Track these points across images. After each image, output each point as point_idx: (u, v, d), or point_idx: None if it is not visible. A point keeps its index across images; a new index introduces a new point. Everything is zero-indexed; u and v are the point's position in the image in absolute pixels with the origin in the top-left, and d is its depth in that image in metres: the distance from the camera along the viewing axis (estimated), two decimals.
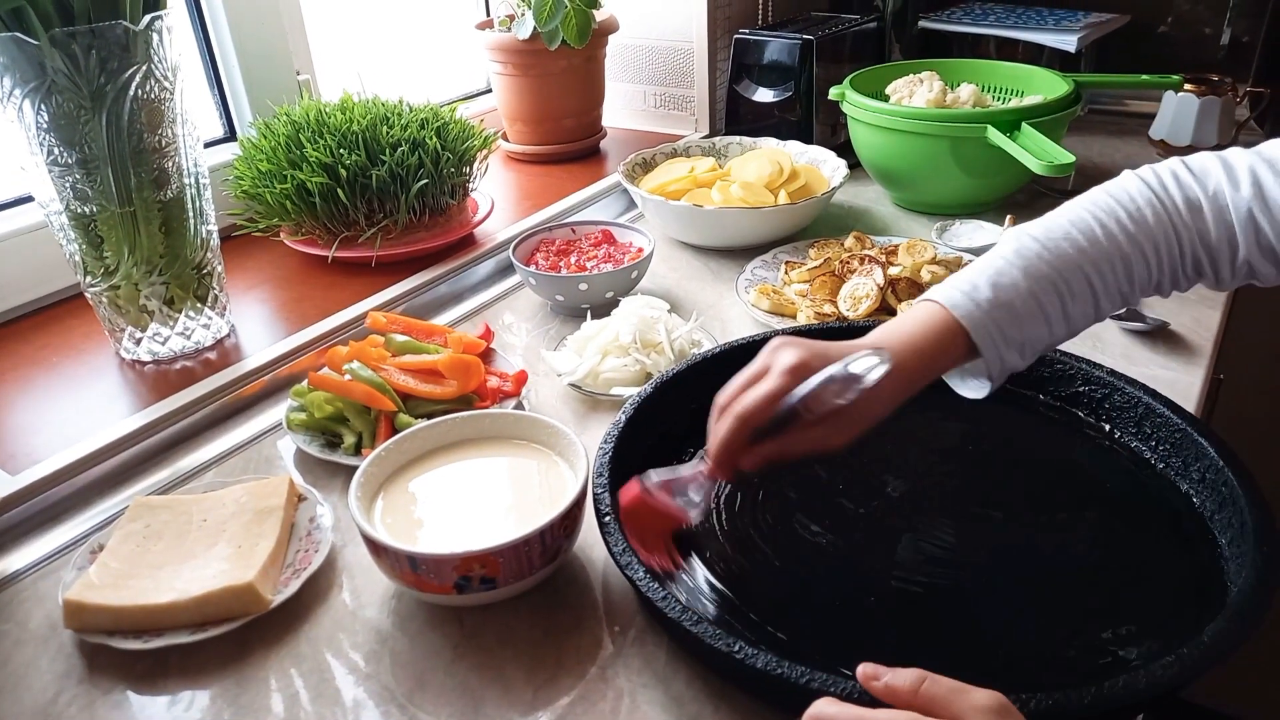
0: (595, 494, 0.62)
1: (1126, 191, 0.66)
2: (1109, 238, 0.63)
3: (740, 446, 0.59)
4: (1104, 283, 0.63)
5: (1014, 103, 1.27)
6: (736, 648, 0.49)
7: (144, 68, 0.77)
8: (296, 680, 0.57)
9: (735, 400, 0.59)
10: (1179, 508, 0.65)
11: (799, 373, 0.58)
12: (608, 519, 0.59)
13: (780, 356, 0.59)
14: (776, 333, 0.81)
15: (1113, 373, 0.74)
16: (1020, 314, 0.61)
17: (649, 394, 0.72)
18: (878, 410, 0.60)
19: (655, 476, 0.62)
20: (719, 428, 0.59)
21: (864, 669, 0.45)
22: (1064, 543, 0.64)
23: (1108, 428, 0.73)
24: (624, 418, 0.69)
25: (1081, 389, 0.75)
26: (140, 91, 0.78)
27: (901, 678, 0.44)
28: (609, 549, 0.58)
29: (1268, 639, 0.56)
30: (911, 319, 0.63)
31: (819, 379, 0.57)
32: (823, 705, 0.44)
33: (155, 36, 0.77)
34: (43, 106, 0.75)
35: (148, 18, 0.76)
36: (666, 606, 0.52)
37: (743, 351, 0.78)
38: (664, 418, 0.74)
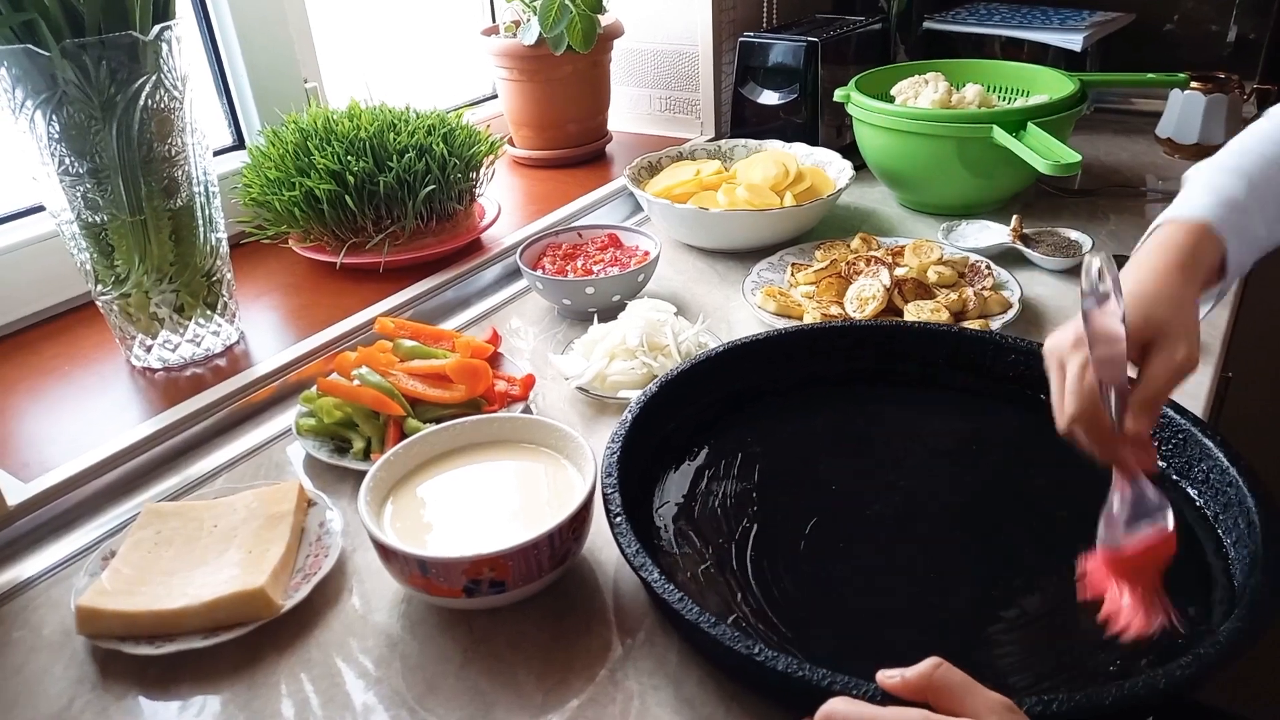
0: (605, 493, 0.62)
1: None
2: None
3: (1112, 443, 0.58)
4: None
5: (1019, 103, 1.27)
6: (756, 650, 0.49)
7: (154, 77, 0.78)
8: (307, 685, 0.58)
9: (1070, 407, 0.59)
10: (1183, 508, 0.65)
11: (1079, 345, 0.59)
12: (619, 519, 0.59)
13: (1051, 356, 0.61)
14: (780, 332, 0.81)
15: None
16: (1250, 210, 0.66)
17: (654, 394, 0.72)
18: (1178, 316, 0.59)
19: (1102, 529, 0.58)
20: (1089, 446, 0.59)
21: (882, 672, 0.46)
22: (1069, 544, 0.64)
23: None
24: (630, 418, 0.69)
25: None
26: (150, 101, 0.78)
27: (916, 668, 0.45)
28: (621, 550, 0.58)
29: (1274, 640, 0.56)
30: (1165, 246, 0.64)
31: (1080, 320, 0.57)
32: (835, 703, 0.45)
33: (165, 46, 0.78)
34: (54, 117, 0.75)
35: (157, 28, 0.77)
36: (684, 609, 0.52)
37: (746, 349, 0.79)
38: (670, 418, 0.74)
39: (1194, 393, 0.81)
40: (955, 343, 0.80)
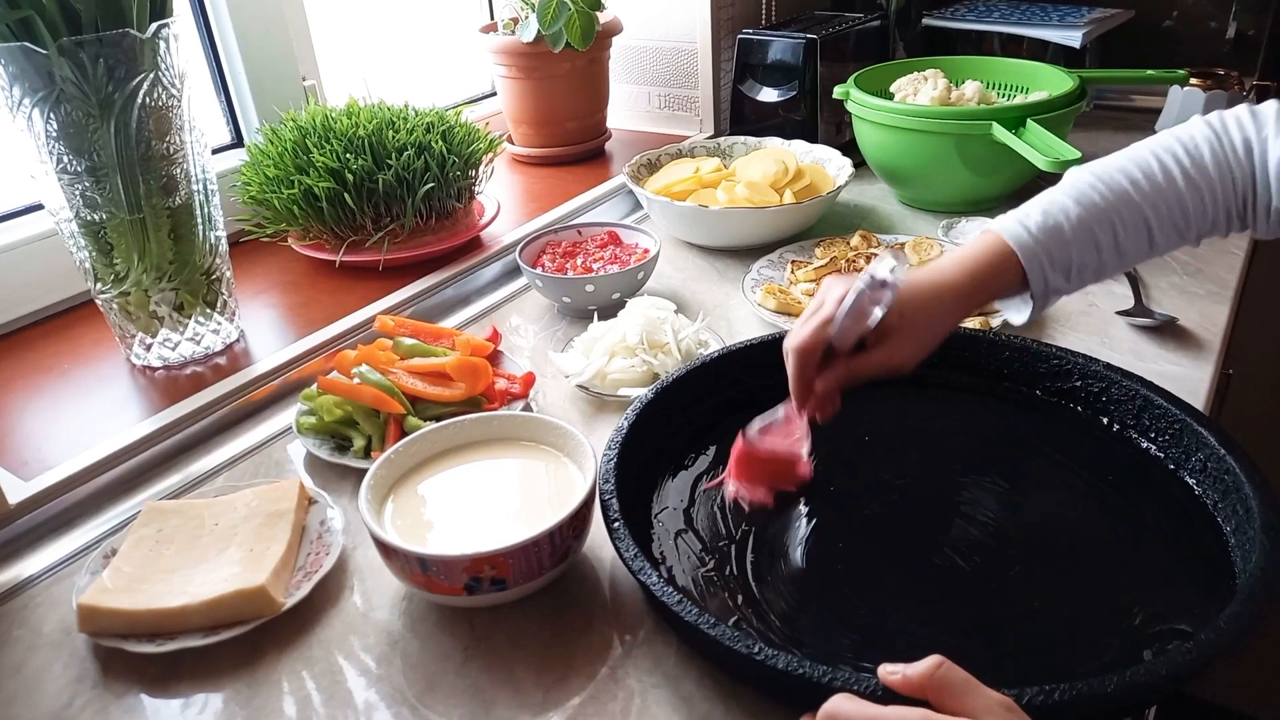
0: (603, 498, 0.62)
1: (1188, 131, 0.69)
2: (1165, 173, 0.66)
3: (807, 379, 0.64)
4: (1158, 216, 0.66)
5: (1019, 99, 1.27)
6: (757, 649, 0.49)
7: (151, 75, 0.78)
8: (308, 682, 0.58)
9: (791, 336, 0.64)
10: (1181, 497, 0.66)
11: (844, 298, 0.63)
12: (616, 523, 0.59)
13: (826, 288, 0.65)
14: (775, 337, 0.81)
15: (1109, 366, 0.74)
16: (1068, 239, 0.65)
17: (651, 399, 0.72)
18: (928, 326, 0.65)
19: (755, 425, 0.67)
20: (787, 365, 0.65)
21: (884, 667, 0.46)
22: (1068, 537, 0.64)
23: (1105, 421, 0.73)
24: (628, 421, 0.69)
25: (1079, 383, 0.75)
26: (148, 99, 0.78)
27: (918, 666, 0.45)
28: (619, 553, 0.58)
29: (1272, 632, 0.56)
30: (968, 247, 0.68)
31: (851, 295, 0.62)
32: (839, 701, 0.45)
33: (162, 44, 0.78)
34: (51, 115, 0.75)
35: (154, 26, 0.77)
36: (683, 611, 0.52)
37: (748, 353, 0.79)
38: (670, 418, 0.74)
39: (1194, 390, 0.81)
40: (951, 342, 0.80)
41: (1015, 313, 0.72)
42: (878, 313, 0.62)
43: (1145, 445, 0.70)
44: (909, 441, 0.75)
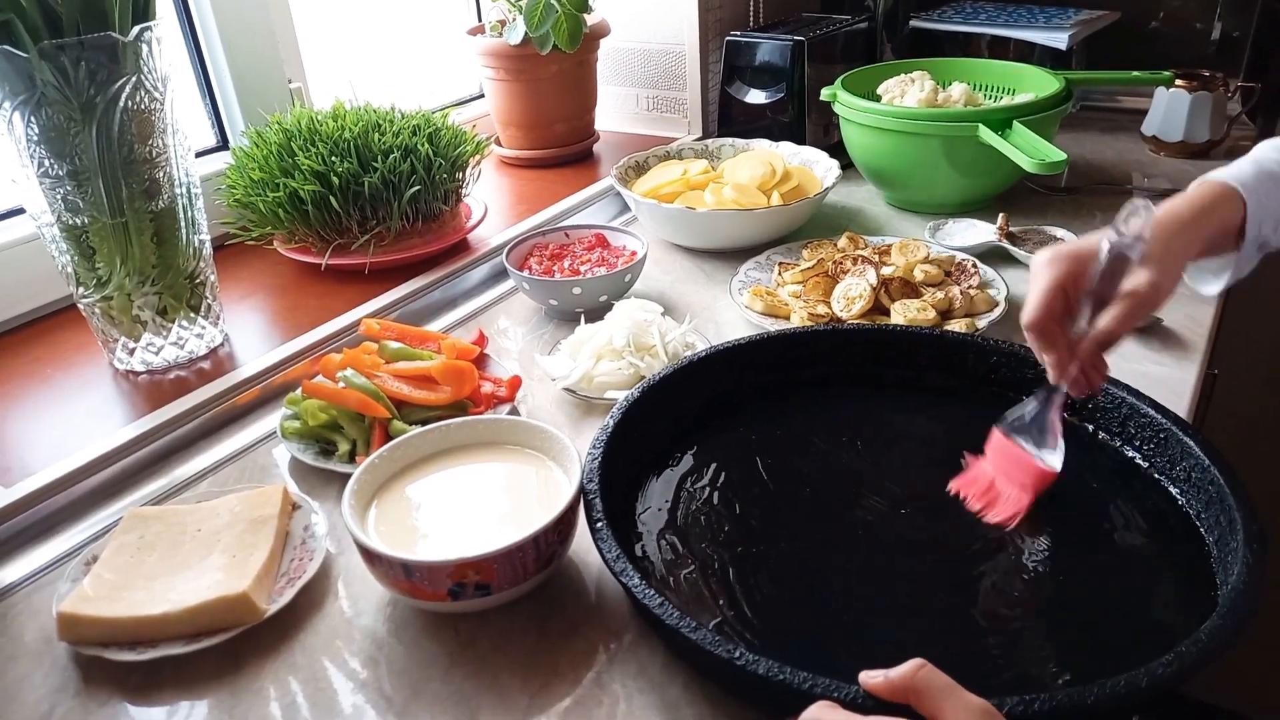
0: (587, 499, 0.62)
1: None
2: None
3: (1062, 348, 0.63)
4: None
5: (1005, 101, 1.27)
6: (737, 654, 0.49)
7: (134, 78, 0.77)
8: (292, 690, 0.57)
9: (1026, 313, 0.63)
10: (1164, 506, 0.65)
11: (1070, 259, 0.63)
12: (600, 525, 0.59)
13: (1043, 258, 0.64)
14: (769, 334, 0.81)
15: None
16: None
17: (636, 399, 0.72)
18: (1174, 265, 0.63)
19: (1010, 416, 0.67)
20: (1032, 345, 0.64)
21: (865, 672, 0.46)
22: (1050, 544, 0.64)
23: (1090, 428, 0.73)
24: (612, 422, 0.69)
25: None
26: (130, 102, 0.78)
27: (899, 669, 0.44)
28: (602, 555, 0.58)
29: (1256, 633, 0.56)
30: (1190, 193, 0.69)
31: (1105, 251, 0.60)
32: (817, 710, 0.44)
33: (145, 47, 0.77)
34: (33, 119, 0.75)
35: (137, 28, 0.76)
36: (664, 614, 0.52)
37: (727, 355, 0.79)
38: (653, 423, 0.74)
39: (1179, 390, 0.81)
40: (938, 345, 0.80)
41: (1210, 283, 0.73)
42: (1133, 262, 0.60)
43: (1130, 453, 0.70)
44: (895, 446, 0.75)
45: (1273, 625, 0.90)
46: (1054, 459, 0.65)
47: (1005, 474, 0.66)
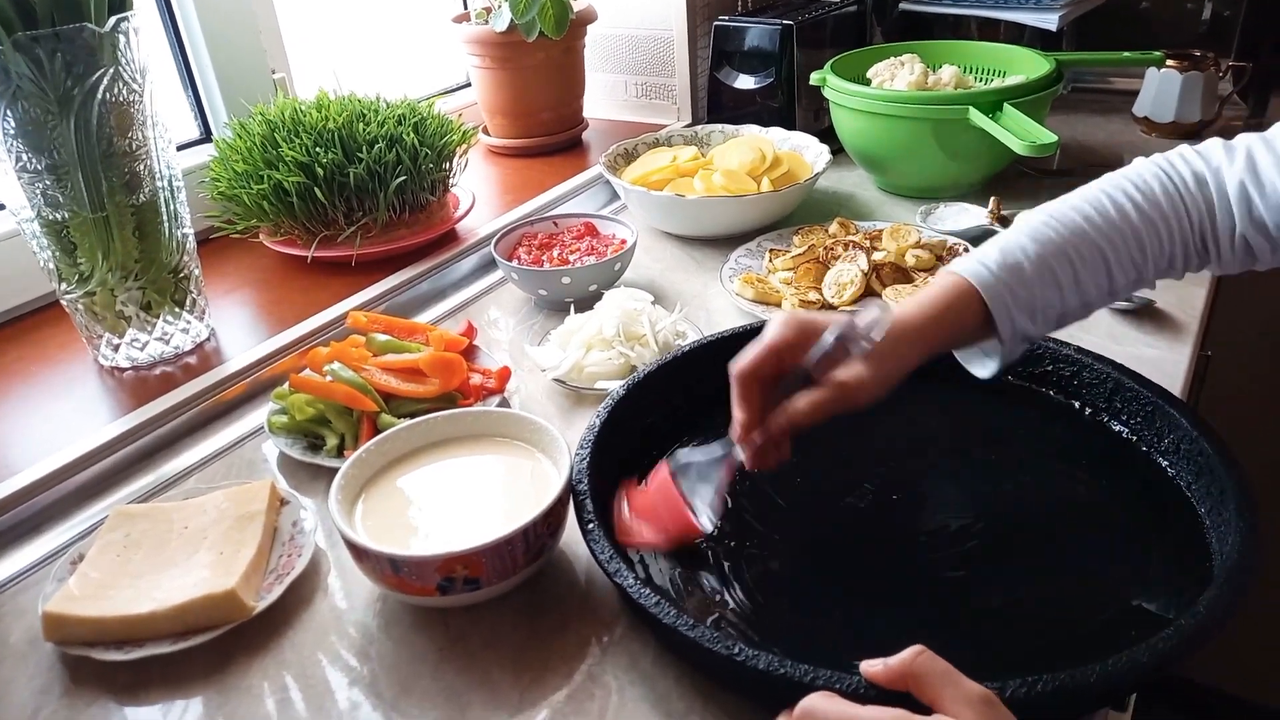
0: (577, 496, 0.61)
1: (1136, 170, 0.68)
2: (1118, 208, 0.65)
3: (754, 409, 0.59)
4: (1115, 252, 0.64)
5: (996, 83, 1.27)
6: (736, 650, 0.49)
7: (111, 70, 0.76)
8: (280, 688, 0.57)
9: (738, 359, 0.60)
10: (1155, 480, 0.65)
11: (797, 327, 0.59)
12: (591, 526, 0.59)
13: (777, 318, 0.60)
14: (756, 325, 0.80)
15: (1080, 350, 0.73)
16: (1029, 276, 0.62)
17: (624, 394, 0.71)
18: (893, 370, 0.60)
19: (683, 458, 0.62)
20: (732, 391, 0.60)
21: (865, 662, 0.46)
22: (1043, 523, 0.64)
23: (1078, 405, 0.73)
24: (599, 420, 0.68)
25: (1050, 368, 0.75)
26: (108, 95, 0.76)
27: (898, 656, 0.44)
28: (594, 554, 0.57)
29: (1248, 609, 0.56)
30: (927, 290, 0.64)
31: (830, 335, 0.58)
32: (815, 699, 0.44)
33: (122, 38, 0.76)
34: (8, 112, 0.73)
35: (113, 19, 0.75)
36: (660, 613, 0.51)
37: (720, 345, 0.78)
38: (645, 412, 0.73)
39: (1172, 372, 0.81)
40: None
41: (979, 366, 0.67)
42: (850, 358, 0.58)
43: (1118, 428, 0.70)
44: (881, 431, 0.74)
45: (1270, 605, 0.90)
46: (705, 519, 0.60)
47: (655, 509, 0.61)
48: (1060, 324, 0.66)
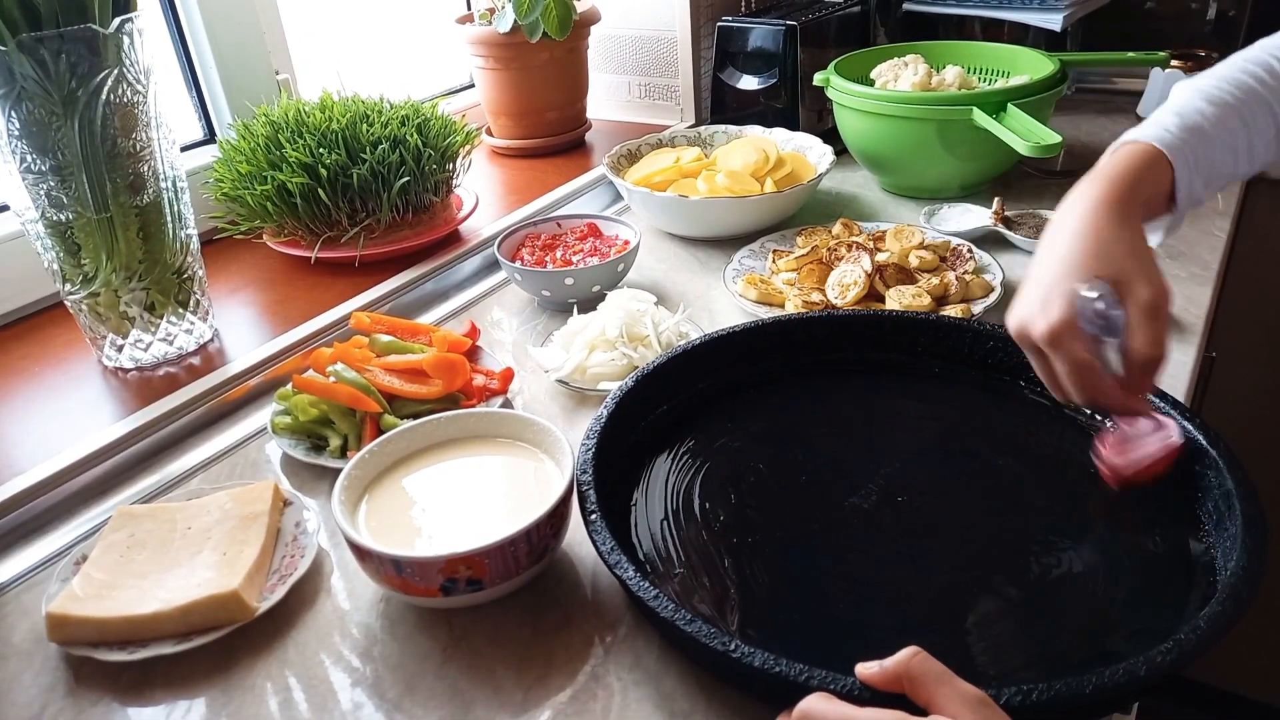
0: (580, 491, 0.61)
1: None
2: None
3: (1120, 399, 0.61)
4: None
5: (1000, 84, 1.26)
6: (733, 646, 0.49)
7: (115, 71, 0.76)
8: (284, 688, 0.57)
9: (1080, 395, 0.61)
10: (1162, 490, 0.65)
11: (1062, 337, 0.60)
12: (594, 517, 0.59)
13: (1035, 336, 0.61)
14: (760, 321, 0.81)
15: None
16: (1211, 136, 0.63)
17: (629, 389, 0.71)
18: (1132, 242, 0.60)
19: (1108, 453, 0.62)
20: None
21: (861, 665, 0.45)
22: (1049, 532, 0.63)
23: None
24: (605, 414, 0.68)
25: None
26: (112, 96, 0.76)
27: (893, 657, 0.44)
28: (596, 547, 0.57)
29: (1252, 612, 0.56)
30: (1111, 159, 0.64)
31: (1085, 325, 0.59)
32: (812, 701, 0.44)
33: (126, 39, 0.76)
34: (13, 113, 0.74)
35: (118, 20, 0.75)
36: (659, 606, 0.51)
37: (722, 342, 0.78)
38: (648, 412, 0.73)
39: (1176, 373, 0.81)
40: (934, 331, 0.79)
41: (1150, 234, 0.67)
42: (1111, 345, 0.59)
43: None
44: (891, 433, 0.75)
45: (1272, 608, 0.90)
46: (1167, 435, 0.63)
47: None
48: (1223, 186, 0.66)
